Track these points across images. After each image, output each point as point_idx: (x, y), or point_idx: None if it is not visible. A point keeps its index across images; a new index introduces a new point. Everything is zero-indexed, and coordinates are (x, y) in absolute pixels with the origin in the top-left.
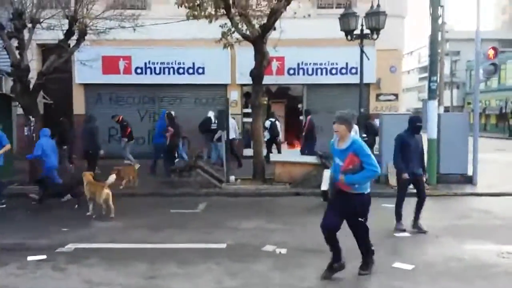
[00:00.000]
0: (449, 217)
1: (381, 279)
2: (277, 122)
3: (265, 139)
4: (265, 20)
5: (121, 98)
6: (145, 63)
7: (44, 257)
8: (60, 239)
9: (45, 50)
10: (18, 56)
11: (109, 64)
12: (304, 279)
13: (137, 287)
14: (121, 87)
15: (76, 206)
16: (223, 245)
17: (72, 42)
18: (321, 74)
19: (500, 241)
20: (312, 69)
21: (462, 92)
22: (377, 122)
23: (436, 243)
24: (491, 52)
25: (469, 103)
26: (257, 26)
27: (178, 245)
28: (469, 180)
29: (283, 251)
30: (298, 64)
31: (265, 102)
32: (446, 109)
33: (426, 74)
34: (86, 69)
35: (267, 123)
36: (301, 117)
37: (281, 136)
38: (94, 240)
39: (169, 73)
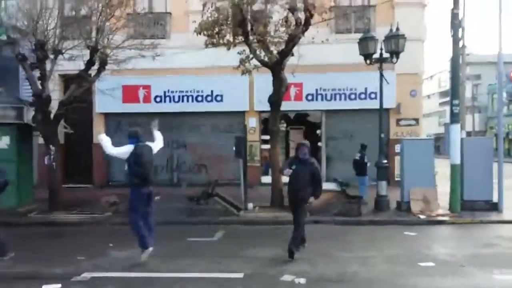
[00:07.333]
0: (474, 245)
1: None
2: None
3: None
4: (283, 46)
5: (141, 127)
6: (164, 92)
7: (59, 286)
8: (76, 267)
9: (67, 80)
10: (39, 87)
11: (129, 93)
12: None
13: None
14: (141, 116)
15: None
16: (241, 275)
17: (93, 72)
18: (340, 99)
19: None
20: (331, 94)
21: (484, 116)
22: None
23: (461, 273)
24: None
25: (491, 128)
26: (275, 52)
27: (194, 274)
28: (495, 207)
29: (302, 281)
30: (317, 90)
31: (283, 129)
32: (468, 134)
33: (446, 99)
34: (106, 98)
35: None
36: (319, 143)
37: None
38: (110, 269)
39: (187, 101)
